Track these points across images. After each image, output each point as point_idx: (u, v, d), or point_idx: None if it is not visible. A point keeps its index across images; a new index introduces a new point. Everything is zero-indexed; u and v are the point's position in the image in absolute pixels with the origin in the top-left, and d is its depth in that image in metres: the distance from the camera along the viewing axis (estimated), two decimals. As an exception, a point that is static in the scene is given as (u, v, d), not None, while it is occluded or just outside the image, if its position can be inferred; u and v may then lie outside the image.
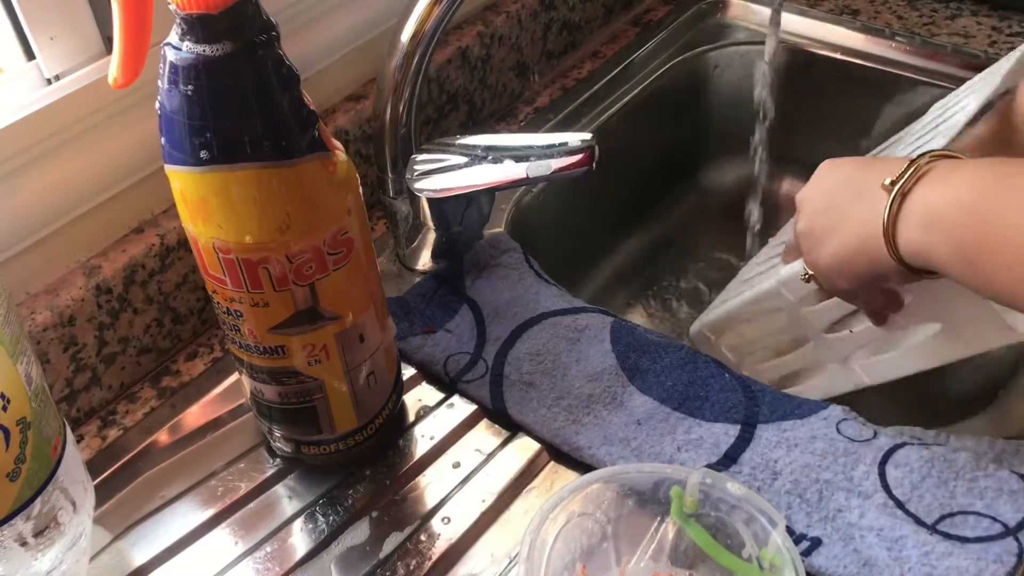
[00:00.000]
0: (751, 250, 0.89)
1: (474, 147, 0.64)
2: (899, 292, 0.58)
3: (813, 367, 0.68)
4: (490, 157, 0.63)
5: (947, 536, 0.50)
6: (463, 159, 0.63)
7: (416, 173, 0.65)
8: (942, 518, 0.51)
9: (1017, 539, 0.50)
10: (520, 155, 0.62)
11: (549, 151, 0.61)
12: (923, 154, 0.49)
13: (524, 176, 0.61)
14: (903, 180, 0.49)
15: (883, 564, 0.50)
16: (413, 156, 0.65)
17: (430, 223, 0.67)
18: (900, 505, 0.52)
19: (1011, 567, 0.49)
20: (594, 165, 0.60)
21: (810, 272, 0.59)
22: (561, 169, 0.60)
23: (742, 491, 0.48)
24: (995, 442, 0.54)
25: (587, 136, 0.61)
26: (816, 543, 0.51)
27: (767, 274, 0.70)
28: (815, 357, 0.67)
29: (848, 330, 0.64)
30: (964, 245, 0.46)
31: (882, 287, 0.56)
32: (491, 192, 0.70)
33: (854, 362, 0.65)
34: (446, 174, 0.64)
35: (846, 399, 0.62)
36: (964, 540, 0.50)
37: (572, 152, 0.60)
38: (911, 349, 0.61)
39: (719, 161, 0.99)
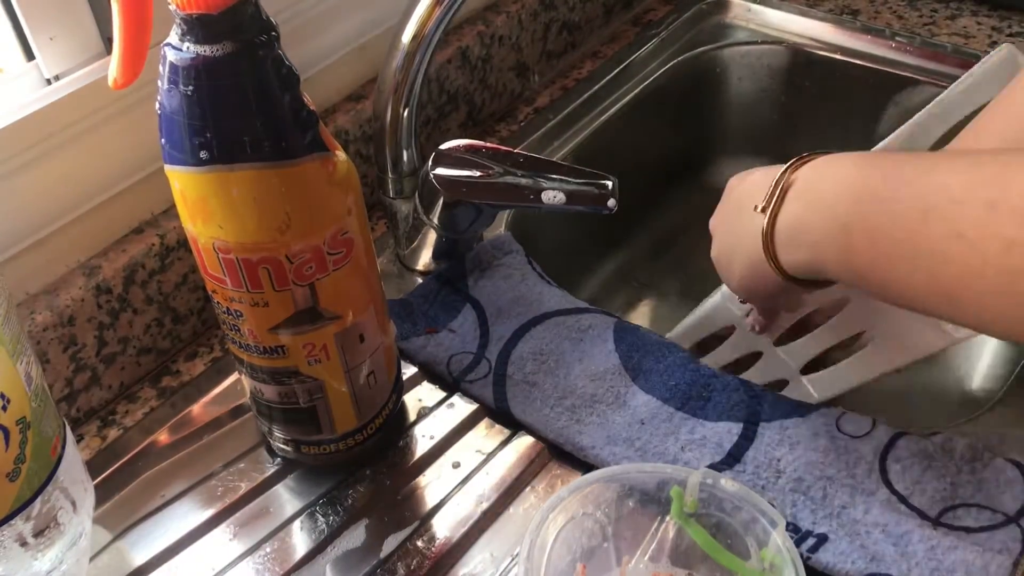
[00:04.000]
0: None
1: (498, 158, 0.64)
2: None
3: (772, 382, 0.68)
4: (510, 176, 0.63)
5: (951, 529, 0.51)
6: (485, 170, 0.64)
7: (438, 168, 0.65)
8: (944, 511, 0.52)
9: (1020, 526, 0.50)
10: (543, 180, 0.62)
11: (570, 184, 0.62)
12: (789, 164, 0.49)
13: (541, 203, 0.62)
14: (771, 202, 0.49)
15: (890, 559, 0.50)
16: (439, 148, 0.66)
17: (436, 222, 0.67)
18: (903, 500, 0.52)
19: (1016, 554, 0.49)
20: (614, 208, 0.61)
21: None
22: (578, 204, 0.62)
23: (742, 491, 0.48)
24: (989, 432, 0.54)
25: (610, 180, 0.62)
26: (823, 539, 0.51)
27: (718, 289, 0.70)
28: (770, 372, 0.67)
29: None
30: (842, 255, 0.46)
31: (795, 296, 0.56)
32: (504, 207, 0.71)
33: (803, 376, 0.65)
34: (468, 180, 0.64)
35: (846, 400, 0.62)
36: (968, 531, 0.50)
37: (595, 191, 0.62)
38: (852, 361, 0.61)
39: (720, 161, 0.99)
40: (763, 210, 0.49)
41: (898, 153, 0.54)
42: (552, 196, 0.61)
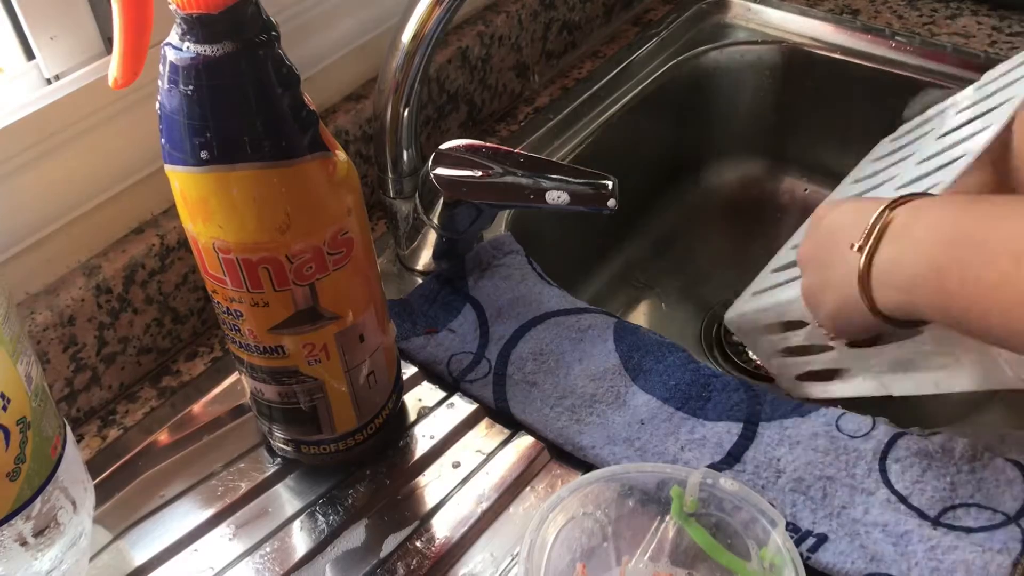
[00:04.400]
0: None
1: (498, 158, 0.64)
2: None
3: (837, 368, 0.67)
4: (510, 176, 0.63)
5: (951, 529, 0.51)
6: (485, 170, 0.64)
7: (438, 168, 0.65)
8: (944, 511, 0.52)
9: (1020, 526, 0.50)
10: (543, 180, 0.62)
11: (571, 184, 0.62)
12: (887, 204, 0.49)
13: (543, 203, 0.62)
14: (868, 242, 0.49)
15: (890, 559, 0.50)
16: (439, 148, 0.65)
17: (436, 222, 0.67)
18: (903, 500, 0.52)
19: (1016, 554, 0.49)
20: (614, 208, 0.61)
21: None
22: (579, 204, 0.62)
23: (742, 491, 0.48)
24: (989, 432, 0.54)
25: (610, 180, 0.62)
26: (822, 539, 0.51)
27: (791, 282, 0.67)
28: (839, 361, 0.65)
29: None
30: (936, 297, 0.46)
31: (886, 334, 0.56)
32: (504, 207, 0.71)
33: (879, 374, 0.63)
34: (468, 180, 0.64)
35: (846, 400, 0.61)
36: (968, 531, 0.50)
37: (595, 191, 0.62)
38: (927, 375, 0.60)
39: (720, 161, 0.99)
40: (859, 249, 0.49)
41: (993, 196, 0.53)
42: (556, 196, 0.61)
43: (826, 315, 0.55)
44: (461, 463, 0.59)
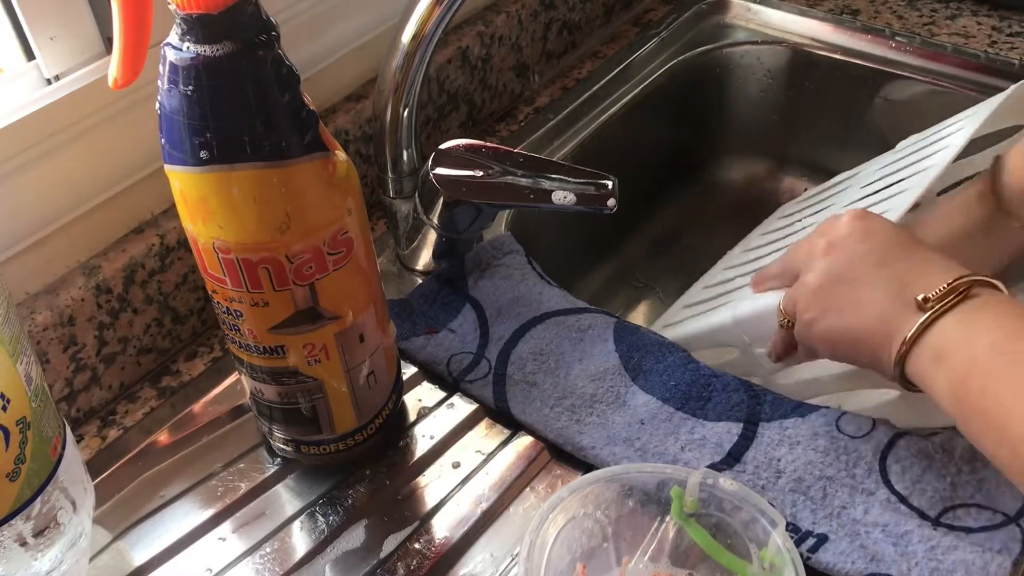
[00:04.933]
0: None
1: (498, 158, 0.64)
2: None
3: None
4: (510, 176, 0.63)
5: (951, 529, 0.51)
6: (485, 170, 0.64)
7: (438, 167, 0.65)
8: (944, 511, 0.52)
9: (1020, 526, 0.50)
10: (544, 180, 0.62)
11: (571, 184, 0.62)
12: (964, 276, 0.47)
13: (548, 203, 0.62)
14: (941, 304, 0.47)
15: (890, 559, 0.50)
16: (439, 148, 0.65)
17: (436, 222, 0.67)
18: (903, 500, 0.52)
19: (1016, 554, 0.49)
20: (614, 208, 0.61)
21: (789, 320, 0.56)
22: (579, 204, 0.61)
23: (742, 491, 0.48)
24: None
25: (610, 180, 0.62)
26: (823, 539, 0.51)
27: (725, 300, 0.67)
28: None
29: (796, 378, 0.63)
30: (962, 397, 0.46)
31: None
32: (504, 207, 0.71)
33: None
34: (468, 180, 0.64)
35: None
36: (968, 531, 0.50)
37: (595, 191, 0.61)
38: (861, 405, 0.60)
39: (719, 161, 0.99)
40: (928, 307, 0.47)
41: None
42: (562, 196, 0.61)
43: (824, 331, 0.52)
44: (461, 463, 0.59)
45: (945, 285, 0.47)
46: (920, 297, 0.48)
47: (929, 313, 0.47)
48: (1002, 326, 0.46)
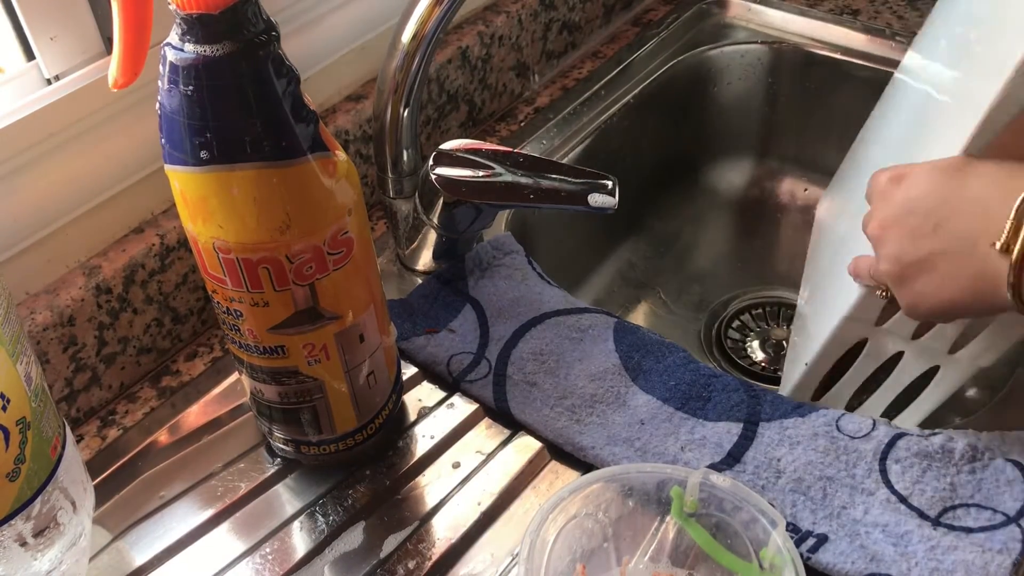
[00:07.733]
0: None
1: (498, 158, 0.64)
2: None
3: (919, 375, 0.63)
4: (510, 176, 0.63)
5: (951, 529, 0.51)
6: (485, 170, 0.64)
7: (438, 168, 0.65)
8: (944, 511, 0.52)
9: (1020, 526, 0.50)
10: (544, 180, 0.62)
11: (571, 184, 0.62)
12: (1019, 193, 0.46)
13: (543, 204, 0.62)
14: (1018, 237, 0.45)
15: (890, 559, 0.50)
16: (439, 148, 0.65)
17: (436, 222, 0.67)
18: (903, 500, 0.52)
19: (1016, 554, 0.49)
20: (614, 208, 0.61)
21: (888, 291, 0.55)
22: (579, 204, 0.62)
23: (742, 491, 0.48)
24: (989, 432, 0.54)
25: (610, 180, 0.62)
26: (823, 539, 0.51)
27: (824, 312, 0.64)
28: (917, 366, 0.62)
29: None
30: None
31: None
32: (504, 207, 0.71)
33: (960, 352, 0.60)
34: (468, 180, 0.64)
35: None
36: (968, 531, 0.50)
37: (595, 191, 0.62)
38: (997, 329, 0.58)
39: (719, 161, 0.99)
40: (1006, 249, 0.46)
41: None
42: (597, 199, 0.61)
43: (938, 306, 0.51)
44: (461, 463, 0.59)
45: (1010, 221, 0.46)
46: (997, 246, 0.46)
47: (1016, 253, 0.46)
48: None
